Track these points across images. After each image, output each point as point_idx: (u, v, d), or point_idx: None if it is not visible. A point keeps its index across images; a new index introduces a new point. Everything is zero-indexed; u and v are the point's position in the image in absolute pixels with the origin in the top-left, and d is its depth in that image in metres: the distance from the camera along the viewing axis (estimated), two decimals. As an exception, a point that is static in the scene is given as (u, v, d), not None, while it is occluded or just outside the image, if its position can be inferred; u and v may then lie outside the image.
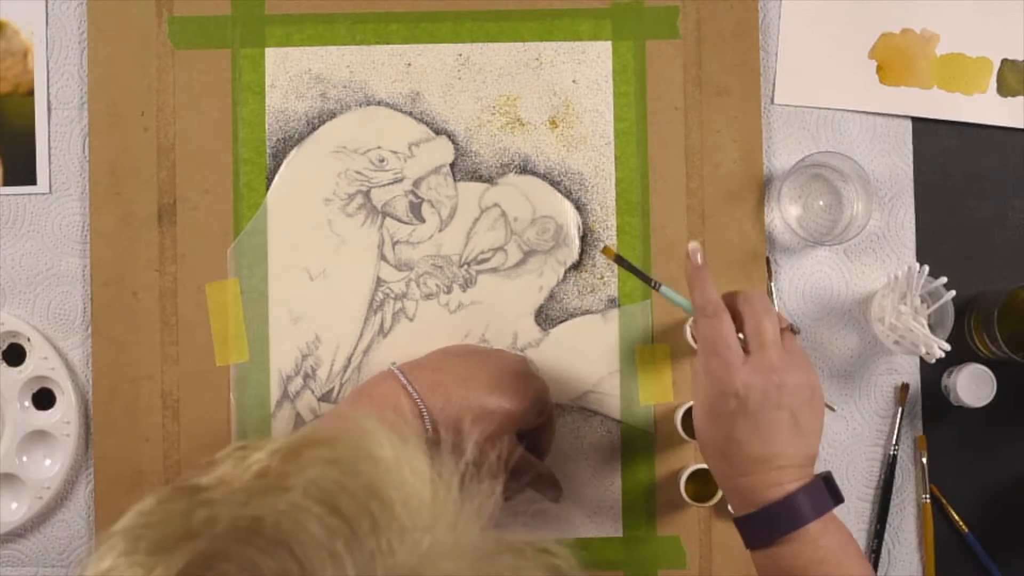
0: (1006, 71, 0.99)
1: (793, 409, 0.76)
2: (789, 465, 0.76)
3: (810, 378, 0.78)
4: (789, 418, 0.76)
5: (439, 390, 0.84)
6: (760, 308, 0.78)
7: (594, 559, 0.96)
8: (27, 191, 0.98)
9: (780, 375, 0.76)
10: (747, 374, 0.76)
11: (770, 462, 0.76)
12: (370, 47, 0.98)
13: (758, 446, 0.76)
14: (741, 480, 0.76)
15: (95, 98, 0.97)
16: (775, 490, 0.75)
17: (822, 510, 0.75)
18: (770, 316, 0.78)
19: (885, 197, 0.98)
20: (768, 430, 0.76)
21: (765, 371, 0.76)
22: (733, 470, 0.77)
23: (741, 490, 0.77)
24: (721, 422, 0.77)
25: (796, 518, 0.75)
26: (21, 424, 0.96)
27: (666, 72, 0.98)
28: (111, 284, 0.96)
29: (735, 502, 0.78)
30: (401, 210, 0.97)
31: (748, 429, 0.76)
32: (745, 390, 0.76)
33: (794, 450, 0.76)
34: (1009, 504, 0.98)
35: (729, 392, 0.76)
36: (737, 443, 0.76)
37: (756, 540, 0.77)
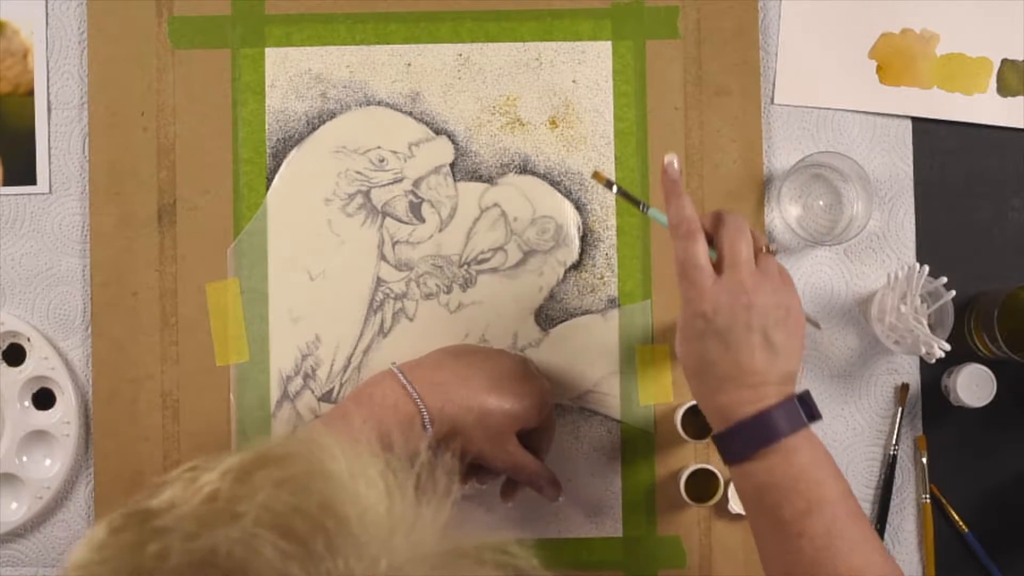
0: (1006, 71, 0.99)
1: (765, 329, 0.76)
2: (764, 383, 0.76)
3: (785, 298, 0.78)
4: (761, 338, 0.76)
5: (439, 390, 0.84)
6: (733, 228, 0.79)
7: (594, 559, 0.96)
8: (27, 191, 0.98)
9: (750, 295, 0.76)
10: (715, 295, 0.76)
11: (743, 380, 0.76)
12: (370, 47, 0.98)
13: (730, 365, 0.76)
14: (718, 398, 0.77)
15: (95, 98, 0.97)
16: (750, 406, 0.76)
17: (797, 426, 0.75)
18: (743, 236, 0.78)
19: (885, 197, 0.98)
20: (739, 350, 0.76)
21: (734, 291, 0.76)
22: (708, 389, 0.78)
23: (718, 408, 0.77)
24: (693, 343, 0.77)
25: (770, 433, 0.75)
26: (21, 424, 0.96)
27: (666, 72, 0.98)
28: (111, 284, 0.96)
29: (713, 420, 0.79)
30: (401, 210, 0.97)
31: (719, 349, 0.76)
32: (713, 310, 0.76)
33: (768, 369, 0.76)
34: (1009, 504, 0.97)
35: (698, 313, 0.77)
36: (709, 363, 0.77)
37: (732, 455, 0.77)
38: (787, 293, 0.79)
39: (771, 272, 0.79)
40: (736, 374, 0.76)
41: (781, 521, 0.75)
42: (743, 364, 0.76)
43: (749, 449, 0.76)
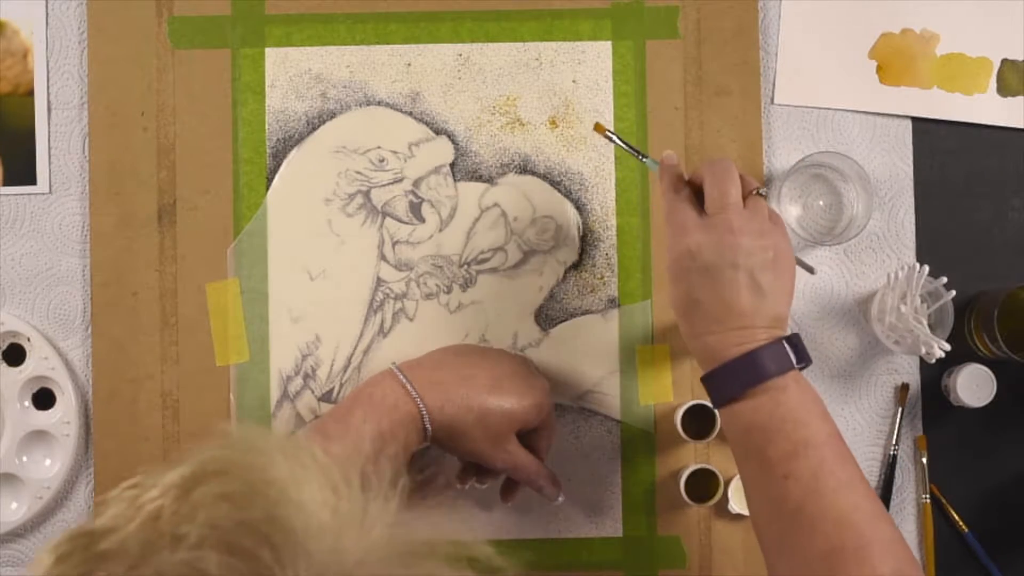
0: (1006, 71, 0.99)
1: (751, 269, 0.76)
2: (752, 325, 0.76)
3: (773, 239, 0.78)
4: (747, 278, 0.76)
5: (439, 389, 0.84)
6: (720, 171, 0.79)
7: (594, 559, 0.96)
8: (27, 191, 0.98)
9: (736, 235, 0.76)
10: (701, 233, 0.77)
11: (730, 321, 0.76)
12: (370, 47, 0.98)
13: (717, 305, 0.76)
14: (705, 339, 0.77)
15: (95, 98, 0.97)
16: (738, 348, 0.76)
17: (785, 368, 0.75)
18: (731, 179, 0.79)
19: (885, 197, 0.98)
20: (725, 289, 0.76)
21: (720, 231, 0.76)
22: (696, 329, 0.78)
23: (706, 348, 0.77)
24: (680, 282, 0.78)
25: (756, 373, 0.75)
26: (21, 424, 0.96)
27: (666, 72, 0.98)
28: (111, 284, 0.96)
29: (702, 361, 0.79)
30: (401, 210, 0.97)
31: (705, 288, 0.76)
32: (697, 248, 0.76)
33: (756, 309, 0.76)
34: (1009, 504, 0.97)
35: (683, 251, 0.77)
36: (696, 302, 0.77)
37: (719, 396, 0.77)
38: (776, 234, 0.79)
39: (759, 213, 0.79)
40: (723, 314, 0.76)
41: (767, 462, 0.74)
42: (730, 304, 0.76)
43: (736, 389, 0.76)
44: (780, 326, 0.78)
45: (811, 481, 0.73)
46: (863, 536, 0.71)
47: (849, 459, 0.75)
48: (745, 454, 0.77)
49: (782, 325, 0.78)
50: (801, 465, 0.73)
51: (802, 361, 0.77)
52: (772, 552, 0.75)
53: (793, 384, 0.76)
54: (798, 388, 0.76)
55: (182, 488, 0.48)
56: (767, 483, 0.75)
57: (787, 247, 0.79)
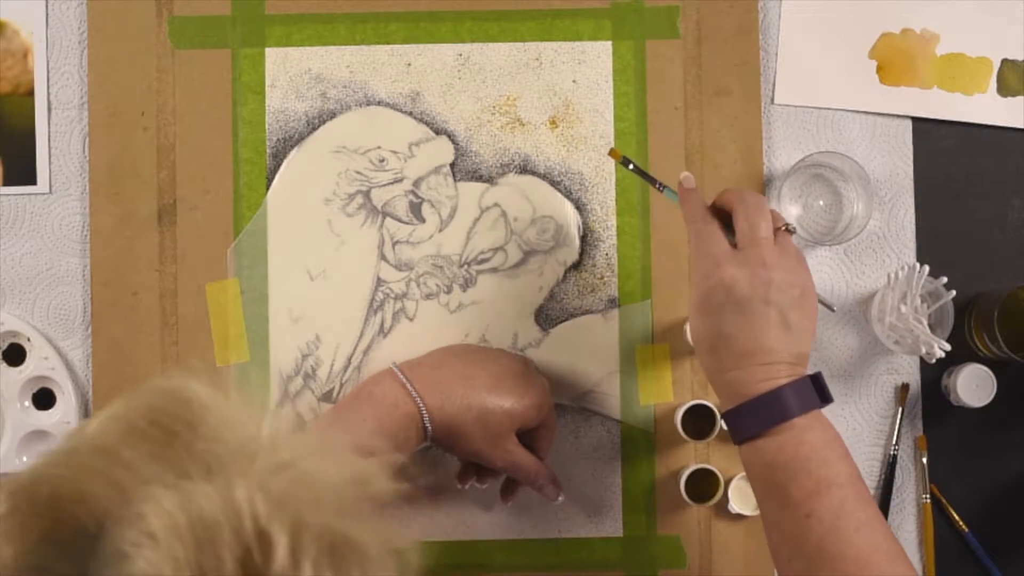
0: (1006, 71, 0.99)
1: (782, 306, 0.76)
2: (777, 362, 0.76)
3: (801, 277, 0.78)
4: (777, 315, 0.76)
5: (439, 389, 0.84)
6: (752, 205, 0.79)
7: (594, 559, 0.96)
8: (27, 191, 0.97)
9: (768, 271, 0.76)
10: (735, 267, 0.77)
11: (758, 357, 0.76)
12: (370, 47, 0.98)
13: (746, 340, 0.76)
14: (730, 374, 0.77)
15: (95, 98, 0.97)
16: (763, 384, 0.76)
17: (809, 406, 0.76)
18: (763, 213, 0.79)
19: (885, 197, 0.98)
20: (756, 324, 0.76)
21: (753, 265, 0.77)
22: (723, 364, 0.77)
23: (731, 384, 0.77)
24: (710, 316, 0.77)
25: (781, 411, 0.75)
26: (21, 424, 0.96)
27: (666, 72, 0.98)
28: (111, 284, 0.96)
29: (724, 396, 0.78)
30: (401, 210, 0.97)
31: (736, 323, 0.76)
32: (732, 282, 0.76)
33: (783, 347, 0.76)
34: (1009, 504, 0.97)
35: (716, 285, 0.77)
36: (725, 337, 0.77)
37: (742, 433, 0.77)
38: (804, 273, 0.79)
39: (789, 250, 0.79)
40: (751, 350, 0.76)
41: (789, 501, 0.75)
42: (759, 339, 0.76)
43: (759, 426, 0.76)
44: (803, 364, 0.78)
45: (833, 520, 0.73)
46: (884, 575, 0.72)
47: (869, 500, 0.76)
48: (766, 491, 0.77)
49: (805, 363, 0.78)
50: (823, 504, 0.74)
51: (826, 400, 0.77)
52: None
53: (816, 423, 0.76)
54: (821, 427, 0.76)
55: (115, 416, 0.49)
56: (789, 521, 0.75)
57: (812, 286, 0.80)
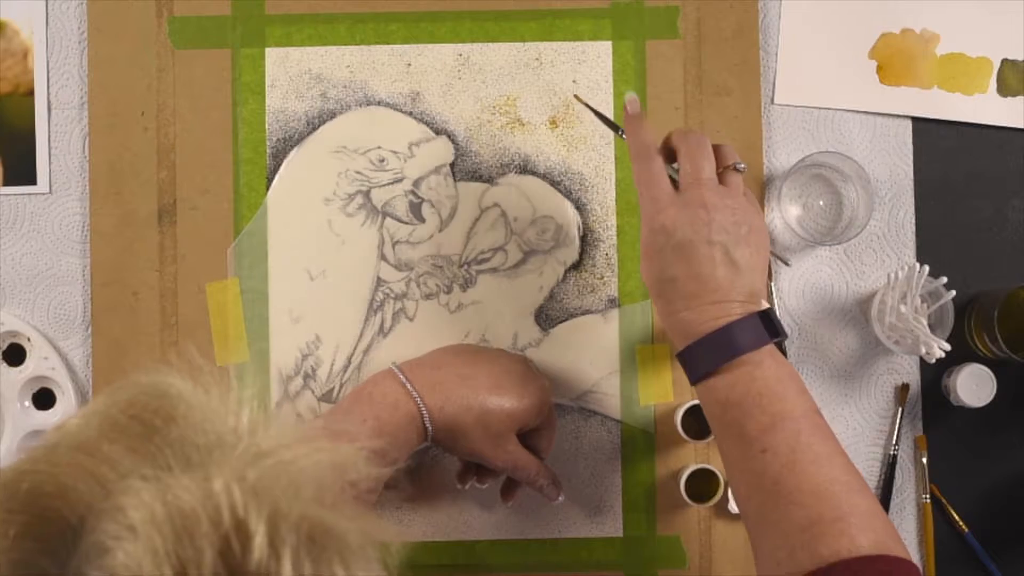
0: (1006, 71, 0.99)
1: (726, 245, 0.76)
2: (727, 300, 0.76)
3: (747, 215, 0.78)
4: (722, 254, 0.76)
5: (439, 389, 0.84)
6: (694, 145, 0.79)
7: (594, 559, 0.96)
8: (27, 191, 0.97)
9: (710, 211, 0.76)
10: (674, 210, 0.76)
11: (705, 296, 0.76)
12: (370, 47, 0.98)
13: (692, 281, 0.76)
14: (681, 315, 0.77)
15: (95, 98, 0.97)
16: (713, 323, 0.76)
17: (759, 342, 0.75)
18: (704, 153, 0.78)
19: (885, 197, 0.98)
20: (700, 265, 0.76)
21: (693, 206, 0.76)
22: (672, 306, 0.77)
23: (681, 324, 0.77)
24: (655, 260, 0.77)
25: (731, 347, 0.75)
26: (21, 424, 0.96)
27: (666, 72, 0.98)
28: (111, 284, 0.96)
29: (677, 337, 0.78)
30: (401, 210, 0.97)
31: (680, 264, 0.76)
32: (672, 225, 0.76)
33: (731, 285, 0.76)
34: (1009, 504, 0.97)
35: (657, 228, 0.77)
36: (671, 279, 0.77)
37: (695, 371, 0.77)
38: (750, 211, 0.78)
39: (734, 189, 0.79)
40: (698, 290, 0.76)
41: (745, 437, 0.74)
42: (705, 279, 0.76)
43: (711, 364, 0.75)
44: (755, 301, 0.77)
45: (788, 455, 0.73)
46: (841, 508, 0.71)
47: (827, 433, 0.75)
48: (723, 430, 0.77)
49: (757, 300, 0.78)
50: (778, 439, 0.73)
51: (777, 335, 0.77)
52: (753, 527, 0.75)
53: (769, 359, 0.76)
54: (774, 362, 0.76)
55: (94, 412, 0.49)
56: (745, 458, 0.74)
57: (761, 223, 0.79)
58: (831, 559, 0.69)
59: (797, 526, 0.71)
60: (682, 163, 0.79)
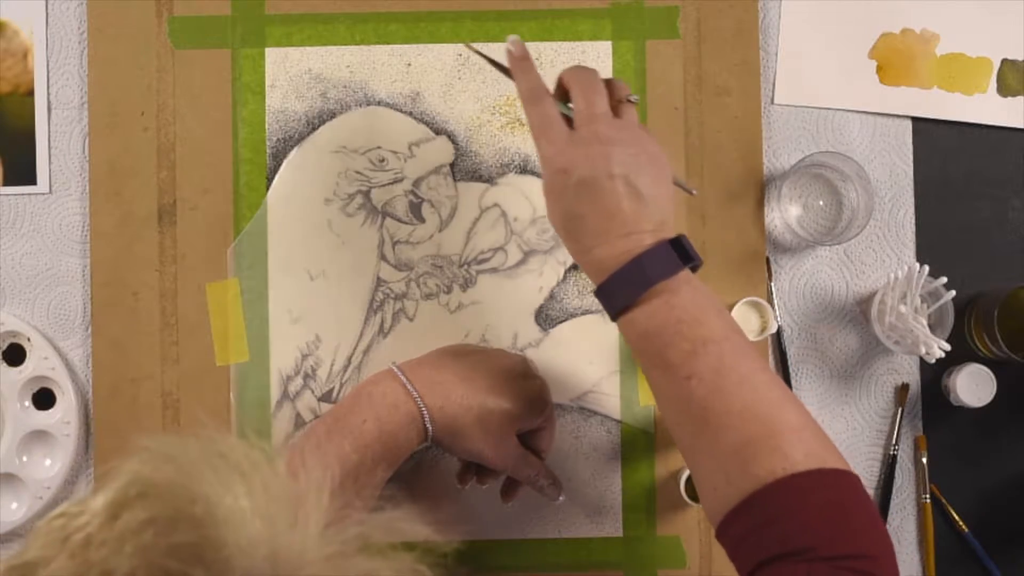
0: (1006, 71, 0.99)
1: (627, 177, 0.75)
2: (636, 231, 0.75)
3: (644, 145, 0.77)
4: (624, 186, 0.75)
5: (439, 389, 0.84)
6: (585, 81, 0.78)
7: (594, 559, 0.96)
8: (27, 191, 0.98)
9: (606, 145, 0.75)
10: (571, 148, 0.75)
11: (614, 231, 0.75)
12: (370, 47, 0.98)
13: (598, 217, 0.75)
14: (593, 253, 0.76)
15: (95, 98, 0.97)
16: (625, 256, 0.74)
17: (672, 270, 0.74)
18: (596, 88, 0.77)
19: (885, 197, 0.98)
20: (604, 200, 0.75)
21: (589, 143, 0.75)
22: (582, 245, 0.76)
23: (595, 262, 0.76)
24: (558, 201, 0.76)
25: (644, 278, 0.74)
26: (21, 424, 0.96)
27: (666, 72, 0.98)
28: (111, 284, 0.96)
29: (592, 275, 0.77)
30: (401, 210, 0.97)
31: (584, 202, 0.75)
32: (570, 164, 0.75)
33: (638, 216, 0.75)
34: (1009, 504, 0.98)
35: (557, 169, 0.76)
36: (578, 218, 0.76)
37: (613, 306, 0.76)
38: (647, 140, 0.78)
39: (629, 121, 0.78)
40: (606, 225, 0.75)
41: (669, 366, 0.73)
42: (611, 213, 0.75)
43: (627, 297, 0.74)
44: (665, 230, 0.76)
45: (713, 378, 0.72)
46: (771, 425, 0.70)
47: (750, 352, 0.74)
48: (647, 362, 0.76)
49: (667, 229, 0.76)
50: (701, 363, 0.72)
51: (690, 261, 0.75)
52: (689, 456, 0.75)
53: (685, 285, 0.74)
54: (690, 288, 0.75)
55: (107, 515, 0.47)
56: (672, 387, 0.74)
57: (658, 151, 0.78)
58: (767, 479, 0.68)
59: (730, 449, 0.70)
60: (575, 100, 0.78)
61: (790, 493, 0.68)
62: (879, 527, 0.70)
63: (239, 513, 0.47)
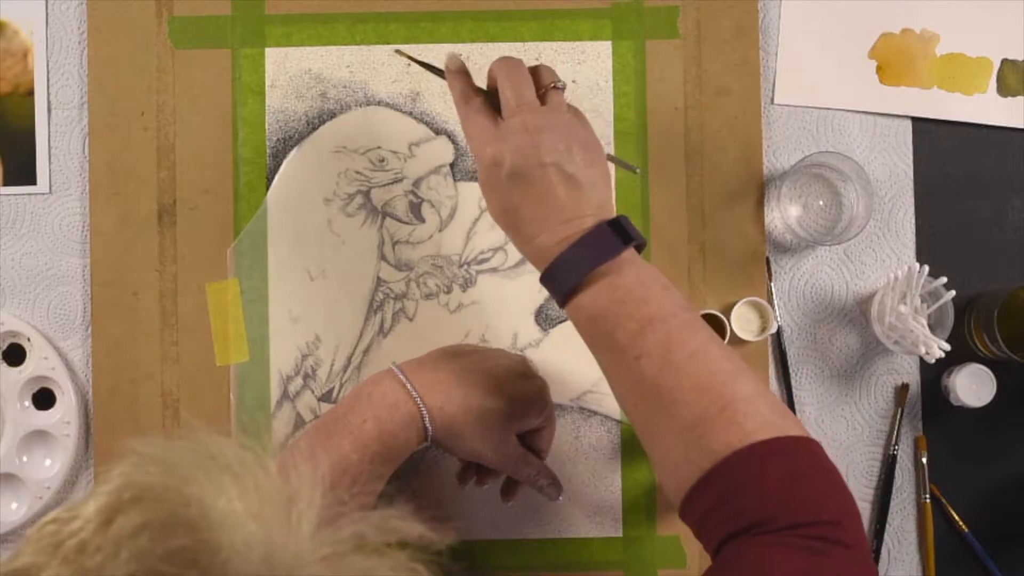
0: (1006, 71, 0.99)
1: (559, 163, 0.75)
2: (576, 216, 0.75)
3: (574, 130, 0.77)
4: (557, 173, 0.75)
5: (438, 389, 0.84)
6: (510, 72, 0.78)
7: (594, 559, 0.96)
8: (27, 191, 0.98)
9: (534, 134, 0.75)
10: (499, 141, 0.75)
11: (553, 218, 0.75)
12: (370, 47, 0.98)
13: (534, 207, 0.75)
14: (536, 241, 0.76)
15: (95, 98, 0.97)
16: (564, 242, 0.74)
17: (613, 250, 0.74)
18: (521, 78, 0.77)
19: (885, 197, 0.98)
20: (537, 189, 0.75)
21: (517, 133, 0.75)
22: (523, 235, 0.76)
23: (537, 250, 0.76)
24: (494, 194, 0.76)
25: (586, 260, 0.73)
26: (21, 424, 0.96)
27: (666, 72, 0.98)
28: (111, 284, 0.96)
29: (536, 263, 0.77)
30: (401, 210, 0.97)
31: (519, 193, 0.75)
32: (499, 156, 0.75)
33: (576, 202, 0.75)
34: (1009, 504, 0.97)
35: (488, 162, 0.76)
36: (515, 208, 0.76)
37: (558, 291, 0.76)
38: (576, 125, 0.77)
39: (557, 108, 0.78)
40: (545, 213, 0.75)
41: (618, 347, 0.73)
42: (548, 201, 0.75)
43: (570, 281, 0.74)
44: (604, 212, 0.76)
45: (663, 355, 0.71)
46: (724, 398, 0.69)
47: (698, 326, 0.73)
48: (597, 345, 0.75)
49: (607, 211, 0.76)
50: (649, 342, 0.72)
51: (631, 240, 0.75)
52: (645, 436, 0.74)
53: (627, 265, 0.74)
54: (633, 267, 0.74)
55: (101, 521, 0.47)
56: (622, 368, 0.73)
57: (589, 135, 0.78)
58: (724, 452, 0.67)
59: (685, 425, 0.69)
60: (501, 92, 0.77)
61: (747, 464, 0.67)
62: (841, 491, 0.69)
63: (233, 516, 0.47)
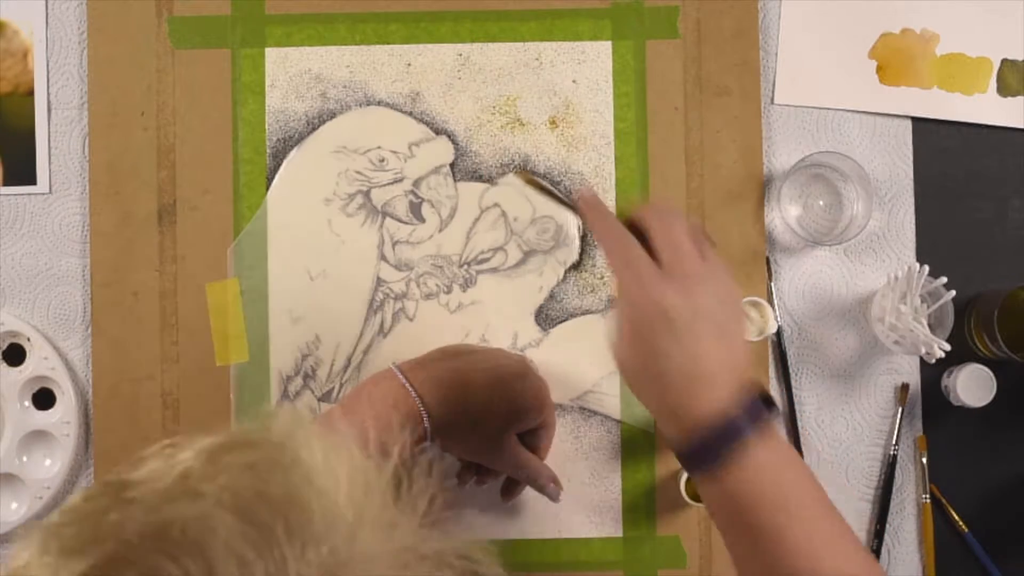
0: (1006, 71, 0.99)
1: (719, 322, 0.71)
2: (723, 381, 0.71)
3: (731, 284, 0.74)
4: (716, 330, 0.71)
5: (439, 389, 0.84)
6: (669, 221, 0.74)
7: (594, 559, 0.96)
8: (27, 191, 0.98)
9: (704, 286, 0.71)
10: (667, 287, 0.71)
11: (704, 380, 0.71)
12: (370, 47, 0.98)
13: (686, 361, 0.71)
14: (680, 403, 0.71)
15: (95, 98, 0.97)
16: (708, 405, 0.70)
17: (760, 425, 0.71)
18: (681, 228, 0.73)
19: (885, 197, 0.98)
20: (696, 344, 0.71)
21: (686, 283, 0.71)
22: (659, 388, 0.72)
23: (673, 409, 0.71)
24: (646, 343, 0.72)
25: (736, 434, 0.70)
26: (21, 424, 0.96)
27: (666, 72, 0.98)
28: (111, 284, 0.96)
29: (669, 424, 0.73)
30: (401, 210, 0.97)
31: (676, 347, 0.70)
32: (667, 303, 0.70)
33: (723, 363, 0.71)
34: (1009, 504, 0.97)
35: (650, 308, 0.71)
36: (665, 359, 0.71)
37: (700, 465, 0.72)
38: (733, 283, 0.75)
39: (717, 261, 0.75)
40: (695, 372, 0.71)
41: (756, 527, 0.71)
42: (700, 359, 0.71)
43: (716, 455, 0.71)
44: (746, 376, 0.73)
45: (805, 543, 0.70)
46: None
47: (833, 511, 0.73)
48: (730, 521, 0.72)
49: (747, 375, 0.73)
50: (794, 527, 0.70)
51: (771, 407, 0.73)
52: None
53: (774, 442, 0.72)
54: (777, 445, 0.72)
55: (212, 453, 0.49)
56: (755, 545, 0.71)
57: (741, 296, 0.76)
58: None
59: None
60: (659, 240, 0.73)
61: None
62: None
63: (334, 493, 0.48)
